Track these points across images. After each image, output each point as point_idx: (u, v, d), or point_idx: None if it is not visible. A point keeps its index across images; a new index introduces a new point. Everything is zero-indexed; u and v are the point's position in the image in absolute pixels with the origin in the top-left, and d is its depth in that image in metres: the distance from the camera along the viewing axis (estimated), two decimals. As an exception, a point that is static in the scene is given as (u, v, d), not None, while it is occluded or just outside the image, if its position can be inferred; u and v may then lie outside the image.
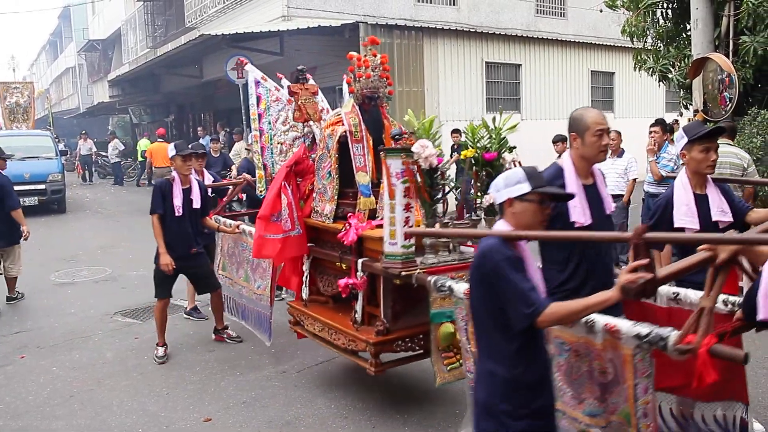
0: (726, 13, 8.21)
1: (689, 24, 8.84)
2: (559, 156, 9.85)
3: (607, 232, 2.52)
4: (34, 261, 10.23)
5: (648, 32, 9.70)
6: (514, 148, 4.36)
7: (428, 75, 14.21)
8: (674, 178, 7.46)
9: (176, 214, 5.62)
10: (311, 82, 5.23)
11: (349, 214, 4.44)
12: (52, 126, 26.61)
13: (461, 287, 3.39)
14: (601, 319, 2.70)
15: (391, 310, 4.19)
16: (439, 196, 4.23)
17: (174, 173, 5.73)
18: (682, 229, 3.52)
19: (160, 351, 5.73)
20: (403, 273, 3.81)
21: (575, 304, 2.43)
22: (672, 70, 9.33)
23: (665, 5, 9.43)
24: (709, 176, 3.61)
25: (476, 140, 4.34)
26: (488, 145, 4.27)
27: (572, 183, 3.25)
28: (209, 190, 6.35)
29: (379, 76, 4.62)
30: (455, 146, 12.88)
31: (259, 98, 5.44)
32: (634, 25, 9.58)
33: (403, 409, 4.52)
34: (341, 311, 4.63)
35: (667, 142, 7.68)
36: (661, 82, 10.06)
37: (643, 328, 2.56)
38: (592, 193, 3.32)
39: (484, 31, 15.61)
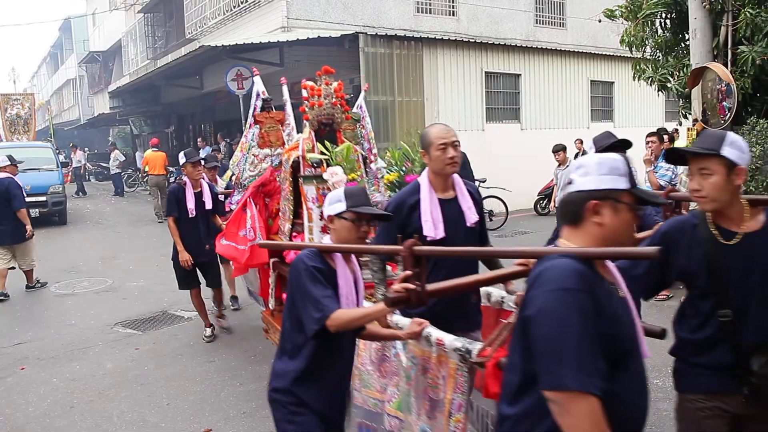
0: (724, 23, 8.24)
1: (688, 34, 8.88)
2: (559, 165, 9.94)
3: (395, 246, 2.37)
4: (35, 272, 10.24)
5: (647, 42, 9.74)
6: None
7: (428, 85, 14.26)
8: (673, 187, 7.50)
9: (190, 216, 6.23)
10: (275, 110, 5.60)
11: (294, 234, 4.76)
12: (53, 137, 26.64)
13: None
14: (434, 333, 2.82)
15: None
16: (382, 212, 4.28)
17: (185, 178, 6.30)
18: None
19: (208, 331, 6.45)
20: None
21: (357, 311, 2.69)
22: (671, 79, 9.36)
23: (664, 15, 9.47)
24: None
25: (400, 164, 4.71)
26: (413, 168, 4.59)
27: (426, 198, 3.34)
28: (221, 196, 6.79)
29: (332, 104, 4.82)
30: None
31: (255, 109, 5.71)
32: (633, 34, 9.62)
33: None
34: None
35: (664, 151, 7.70)
36: (660, 92, 10.09)
37: (459, 342, 2.72)
38: (451, 207, 3.37)
39: (484, 41, 15.66)
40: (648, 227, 2.98)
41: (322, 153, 4.62)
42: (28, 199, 14.60)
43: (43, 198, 15.57)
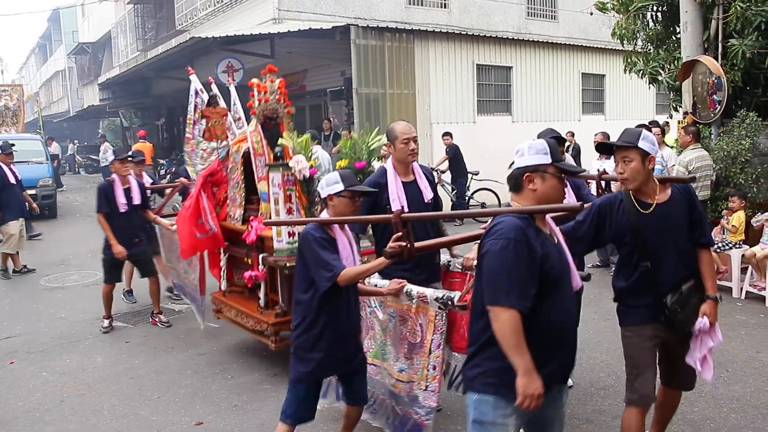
0: (715, 16, 8.27)
1: (679, 27, 8.91)
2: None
3: (386, 215, 3.12)
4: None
5: (638, 35, 9.76)
6: (382, 157, 5.29)
7: (419, 77, 14.22)
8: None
9: (120, 211, 6.54)
10: (222, 104, 5.96)
11: (251, 217, 5.24)
12: (42, 130, 26.45)
13: None
14: (415, 289, 3.64)
15: (287, 295, 4.89)
16: (317, 199, 4.88)
17: (114, 176, 6.62)
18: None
19: (106, 323, 6.71)
20: (288, 264, 4.61)
21: (360, 267, 3.39)
22: (662, 72, 9.39)
23: (655, 8, 9.49)
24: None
25: (350, 152, 5.23)
26: (361, 155, 5.11)
27: (392, 181, 4.14)
28: (148, 191, 7.21)
29: (276, 100, 5.29)
30: (447, 149, 12.91)
31: (195, 106, 6.21)
32: (625, 27, 9.64)
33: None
34: (251, 299, 5.47)
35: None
36: (651, 85, 10.12)
37: (440, 293, 3.53)
38: (411, 188, 4.21)
39: (475, 33, 15.63)
40: (587, 202, 3.76)
41: (286, 144, 5.05)
42: (16, 192, 14.70)
43: (33, 191, 15.37)
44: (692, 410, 4.36)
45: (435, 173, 12.44)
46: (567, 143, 13.71)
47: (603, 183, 4.22)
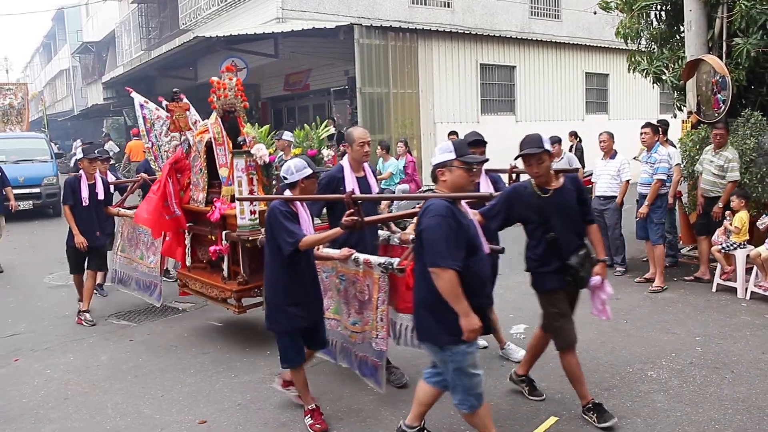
0: (719, 15, 8.25)
1: (683, 26, 8.88)
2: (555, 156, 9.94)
3: (340, 195, 4.20)
4: (29, 264, 10.23)
5: (642, 34, 9.73)
6: (331, 145, 6.24)
7: (423, 77, 14.22)
8: (669, 177, 7.51)
9: (83, 204, 7.01)
10: (185, 100, 6.66)
11: (214, 199, 5.92)
12: (46, 128, 26.50)
13: None
14: (361, 256, 4.42)
15: (248, 267, 5.75)
16: (274, 182, 5.62)
17: (81, 172, 7.09)
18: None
19: (88, 316, 7.01)
20: (250, 238, 5.40)
21: (318, 235, 4.19)
22: (666, 71, 9.37)
23: (659, 7, 9.46)
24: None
25: (303, 142, 6.33)
26: (312, 144, 6.06)
27: (348, 176, 4.93)
28: (112, 186, 7.75)
29: (234, 95, 5.96)
30: None
31: (144, 118, 7.28)
32: (628, 27, 9.61)
33: (398, 411, 4.51)
34: (214, 272, 6.16)
35: (658, 143, 7.69)
36: (655, 84, 10.10)
37: (382, 259, 4.35)
38: (362, 182, 4.99)
39: (479, 32, 15.63)
40: (500, 190, 4.76)
41: (249, 134, 5.94)
42: (20, 191, 14.78)
43: (37, 189, 15.44)
44: (697, 412, 4.36)
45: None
46: (571, 144, 13.76)
47: (514, 175, 5.44)
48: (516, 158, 4.31)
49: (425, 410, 3.91)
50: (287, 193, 4.31)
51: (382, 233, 5.15)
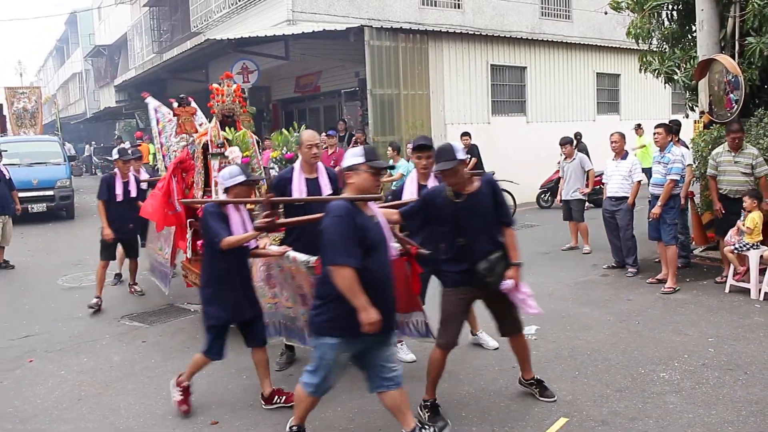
0: (731, 14, 8.20)
1: (695, 25, 8.84)
2: (565, 158, 9.91)
3: (260, 198, 4.73)
4: (42, 266, 10.31)
5: (653, 34, 9.69)
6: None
7: (433, 78, 14.21)
8: (681, 177, 7.44)
9: (117, 200, 7.77)
10: (193, 104, 7.14)
11: (206, 197, 6.20)
12: (60, 131, 26.69)
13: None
14: (291, 254, 4.68)
15: None
16: (270, 189, 5.68)
17: (116, 170, 7.93)
18: None
19: (94, 300, 7.54)
20: None
21: (237, 236, 4.42)
22: (677, 71, 9.32)
23: (670, 7, 9.42)
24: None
25: (281, 146, 6.76)
26: (290, 149, 6.37)
27: (296, 177, 5.14)
28: (144, 183, 8.42)
29: (232, 101, 6.34)
30: (466, 149, 12.83)
31: (157, 121, 7.65)
32: (640, 26, 9.57)
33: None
34: None
35: (671, 143, 7.65)
36: (666, 84, 10.05)
37: (304, 257, 4.60)
38: (312, 183, 5.16)
39: (489, 33, 15.61)
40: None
41: (225, 137, 6.21)
42: (34, 194, 14.94)
43: (51, 192, 15.55)
44: (710, 413, 4.33)
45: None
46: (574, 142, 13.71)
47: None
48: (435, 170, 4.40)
49: (405, 413, 3.89)
50: (222, 196, 4.72)
51: None
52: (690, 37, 9.38)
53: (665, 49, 9.68)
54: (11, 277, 9.65)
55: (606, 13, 11.03)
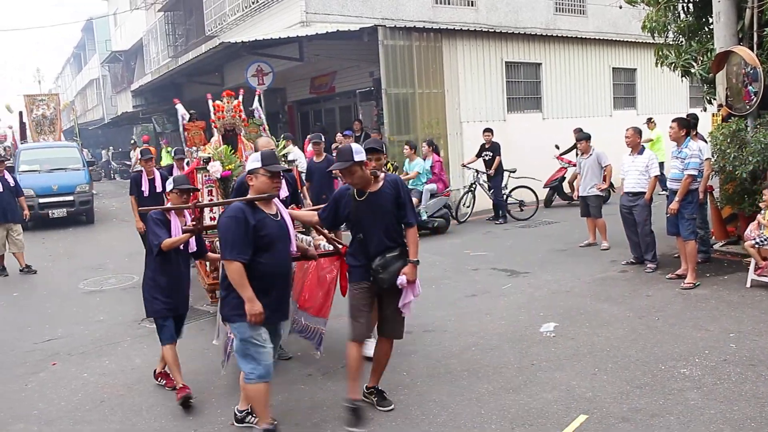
0: (749, 5, 8.10)
1: (711, 17, 8.74)
2: (582, 153, 9.86)
3: (188, 204, 5.08)
4: (63, 270, 10.44)
5: (669, 27, 9.59)
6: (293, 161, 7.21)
7: (448, 76, 14.18)
8: (699, 172, 7.34)
9: (145, 196, 8.86)
10: (200, 121, 7.81)
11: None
12: (78, 137, 26.95)
13: None
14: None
15: (215, 265, 6.14)
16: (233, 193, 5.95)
17: (142, 169, 9.14)
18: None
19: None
20: (213, 240, 5.99)
21: (174, 238, 4.94)
22: (694, 64, 9.22)
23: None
24: None
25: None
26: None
27: None
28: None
29: (232, 116, 6.87)
30: (486, 145, 12.77)
31: (184, 127, 7.93)
32: (655, 20, 9.48)
33: (428, 411, 4.53)
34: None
35: (689, 138, 7.56)
36: (683, 77, 9.94)
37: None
38: (290, 177, 5.75)
39: (503, 30, 15.55)
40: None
41: (208, 154, 6.60)
42: (54, 199, 15.16)
43: (71, 197, 15.73)
44: (732, 409, 4.29)
45: (475, 173, 12.36)
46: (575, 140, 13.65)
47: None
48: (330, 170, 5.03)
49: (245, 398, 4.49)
50: (170, 204, 5.29)
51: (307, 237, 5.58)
52: (707, 29, 9.28)
53: (681, 41, 9.58)
54: (34, 282, 9.78)
55: (621, 7, 10.97)
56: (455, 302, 7.17)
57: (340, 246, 5.08)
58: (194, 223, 4.76)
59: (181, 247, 5.07)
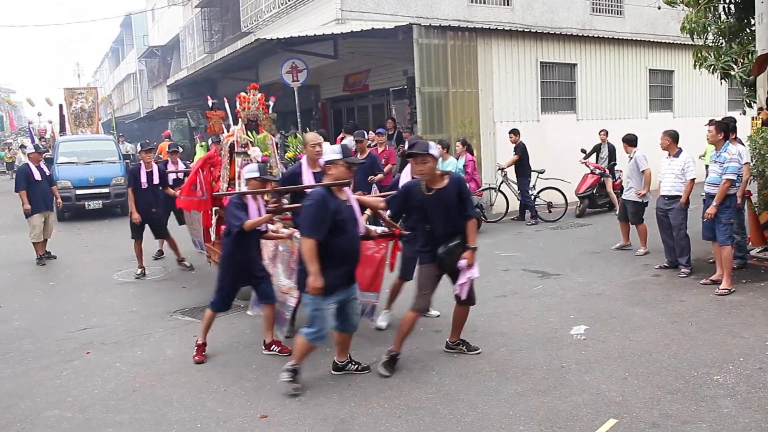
0: (792, 7, 7.92)
1: (753, 19, 8.57)
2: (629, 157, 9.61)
3: (267, 189, 5.87)
4: (98, 261, 10.63)
5: (709, 28, 9.42)
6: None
7: (482, 76, 14.10)
8: (738, 177, 7.21)
9: (142, 187, 9.26)
10: (220, 110, 8.10)
11: (229, 189, 7.16)
12: (115, 130, 27.40)
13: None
14: (298, 234, 5.32)
15: None
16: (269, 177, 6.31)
17: (141, 161, 9.46)
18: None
19: (139, 271, 9.34)
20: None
21: (255, 219, 5.61)
22: (734, 67, 9.05)
23: (727, 0, 9.16)
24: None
25: (295, 148, 7.73)
26: (302, 150, 6.88)
27: (306, 171, 6.24)
28: (178, 174, 10.24)
29: (256, 108, 7.35)
30: (516, 147, 12.69)
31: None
32: (695, 21, 9.32)
33: (457, 410, 4.52)
34: None
35: (728, 141, 7.42)
36: (722, 80, 9.76)
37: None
38: (318, 175, 6.01)
39: (539, 30, 15.41)
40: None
41: (248, 139, 7.11)
42: (91, 191, 15.47)
43: (106, 190, 16.01)
44: (767, 419, 4.20)
45: (503, 174, 12.30)
46: (599, 143, 13.42)
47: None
48: (406, 156, 5.39)
49: (345, 349, 5.29)
50: (243, 187, 5.96)
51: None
52: (748, 30, 9.10)
53: (721, 43, 9.40)
54: (69, 272, 9.98)
55: (659, 8, 10.81)
56: (485, 302, 7.14)
57: (395, 228, 5.75)
58: (276, 204, 5.82)
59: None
